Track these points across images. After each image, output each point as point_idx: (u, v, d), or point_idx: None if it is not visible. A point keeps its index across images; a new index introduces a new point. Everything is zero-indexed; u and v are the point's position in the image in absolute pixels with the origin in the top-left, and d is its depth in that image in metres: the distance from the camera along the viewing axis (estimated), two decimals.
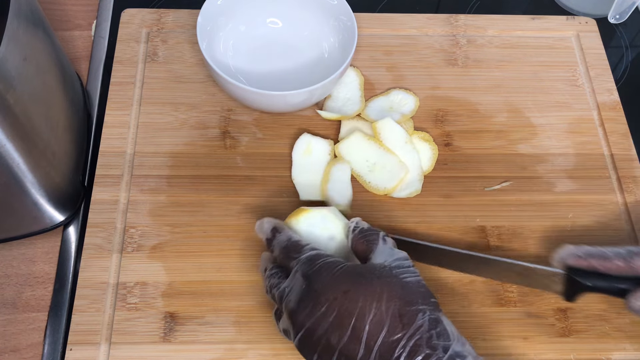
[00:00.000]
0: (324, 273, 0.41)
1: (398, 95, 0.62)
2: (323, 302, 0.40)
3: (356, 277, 0.41)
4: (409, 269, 0.42)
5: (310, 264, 0.42)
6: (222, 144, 0.59)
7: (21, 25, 0.42)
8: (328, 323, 0.40)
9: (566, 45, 0.67)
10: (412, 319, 0.39)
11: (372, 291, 0.40)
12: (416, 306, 0.40)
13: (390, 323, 0.39)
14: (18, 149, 0.44)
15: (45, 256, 0.53)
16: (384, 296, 0.40)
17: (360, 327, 0.39)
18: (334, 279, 0.41)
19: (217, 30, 0.62)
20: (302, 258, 0.43)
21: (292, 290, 0.42)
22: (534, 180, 0.58)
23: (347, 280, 0.41)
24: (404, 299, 0.40)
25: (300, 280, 0.42)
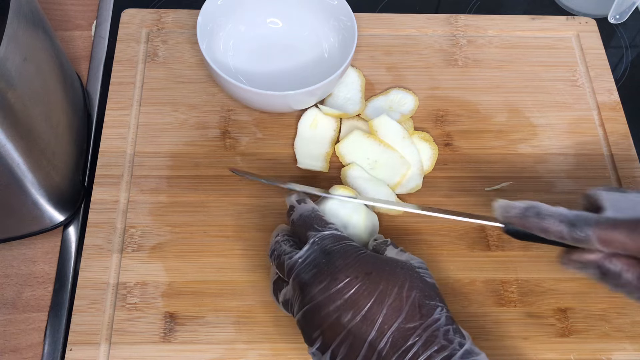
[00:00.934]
0: (347, 252, 0.41)
1: (397, 95, 0.62)
2: (342, 279, 0.39)
3: (380, 263, 0.41)
4: (427, 272, 0.43)
5: (334, 241, 0.42)
6: (222, 144, 0.59)
7: (21, 25, 0.42)
8: (342, 300, 0.39)
9: (566, 45, 0.67)
10: (431, 311, 0.39)
11: (394, 277, 0.40)
12: (435, 301, 0.40)
13: (409, 310, 0.39)
14: (18, 149, 0.44)
15: (45, 256, 0.53)
16: (406, 285, 0.39)
17: (377, 309, 0.38)
18: (357, 259, 0.40)
19: (217, 30, 0.62)
20: (325, 233, 0.43)
21: (307, 262, 0.41)
22: (534, 180, 0.58)
23: (371, 264, 0.40)
24: (424, 292, 0.40)
25: (319, 253, 0.41)
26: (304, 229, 0.44)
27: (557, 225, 0.43)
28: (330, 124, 0.59)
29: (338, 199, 0.49)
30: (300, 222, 0.45)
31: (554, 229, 0.43)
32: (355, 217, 0.49)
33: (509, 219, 0.45)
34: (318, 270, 0.40)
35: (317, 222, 0.44)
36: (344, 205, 0.49)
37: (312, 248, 0.42)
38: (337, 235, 0.43)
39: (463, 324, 0.51)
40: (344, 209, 0.49)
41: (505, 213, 0.45)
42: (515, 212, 0.44)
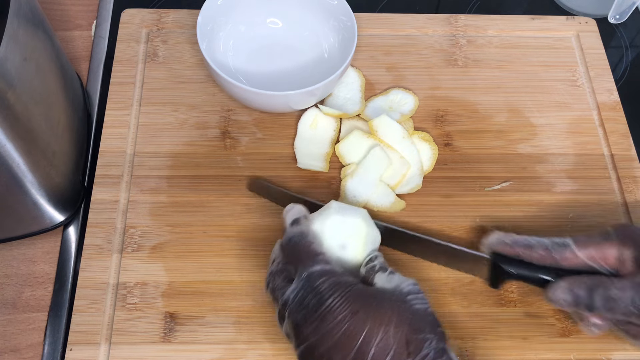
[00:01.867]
0: (335, 291, 0.40)
1: (397, 95, 0.62)
2: (330, 320, 0.39)
3: (367, 299, 0.40)
4: (419, 296, 0.42)
5: (322, 278, 0.41)
6: (222, 144, 0.59)
7: (21, 25, 0.42)
8: (333, 342, 0.39)
9: (566, 45, 0.67)
10: (419, 346, 0.38)
11: (381, 314, 0.39)
12: (423, 334, 0.39)
13: (397, 348, 0.38)
14: (18, 149, 0.44)
15: (45, 256, 0.53)
16: (393, 321, 0.39)
17: (365, 349, 0.38)
18: (344, 298, 0.40)
19: (217, 30, 0.62)
20: (313, 270, 0.42)
21: (298, 301, 0.41)
22: (534, 180, 0.58)
23: (357, 301, 0.40)
24: (412, 325, 0.39)
25: (308, 292, 0.41)
26: (292, 258, 0.44)
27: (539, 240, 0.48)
28: (330, 124, 0.59)
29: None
30: (289, 251, 0.44)
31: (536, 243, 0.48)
32: (354, 240, 0.46)
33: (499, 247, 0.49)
34: (307, 311, 0.40)
35: (305, 254, 0.43)
36: (345, 224, 0.46)
37: (301, 286, 0.41)
38: (326, 270, 0.42)
39: (463, 324, 0.51)
40: (344, 228, 0.46)
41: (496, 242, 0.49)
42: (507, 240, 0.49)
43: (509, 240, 0.49)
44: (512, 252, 0.48)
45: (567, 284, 0.46)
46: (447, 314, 0.51)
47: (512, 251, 0.48)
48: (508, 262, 0.48)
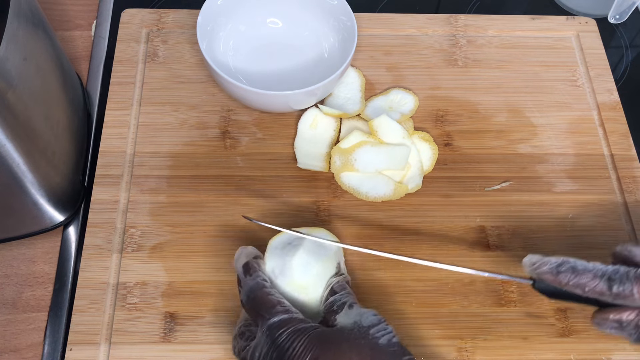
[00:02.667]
0: (294, 340, 0.39)
1: (397, 95, 0.62)
2: None
3: (325, 344, 0.39)
4: (380, 327, 0.40)
5: (281, 329, 0.40)
6: (222, 144, 0.59)
7: (21, 25, 0.42)
8: None
9: (566, 45, 0.67)
10: None
11: (340, 356, 0.38)
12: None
13: None
14: (18, 149, 0.44)
15: (45, 256, 0.53)
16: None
17: None
18: (304, 345, 0.39)
19: (217, 30, 0.62)
20: (272, 322, 0.41)
21: (260, 357, 0.40)
22: (534, 180, 0.58)
23: (317, 347, 0.39)
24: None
25: (270, 346, 0.40)
26: (253, 314, 0.43)
27: (594, 280, 0.41)
28: (330, 124, 0.59)
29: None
30: (249, 305, 0.43)
31: (591, 284, 0.41)
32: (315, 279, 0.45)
33: (541, 275, 0.43)
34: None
35: (264, 305, 0.42)
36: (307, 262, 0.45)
37: (263, 340, 0.41)
38: (284, 320, 0.41)
39: (463, 324, 0.51)
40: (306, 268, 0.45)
41: (536, 269, 0.43)
42: (548, 267, 0.42)
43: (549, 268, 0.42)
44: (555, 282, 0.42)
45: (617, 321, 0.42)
46: (447, 314, 0.51)
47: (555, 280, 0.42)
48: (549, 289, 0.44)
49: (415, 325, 0.51)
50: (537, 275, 0.43)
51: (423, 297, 0.52)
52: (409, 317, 0.51)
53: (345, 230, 0.55)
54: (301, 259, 0.45)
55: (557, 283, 0.42)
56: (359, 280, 0.52)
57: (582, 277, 0.41)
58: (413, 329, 0.51)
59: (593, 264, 0.42)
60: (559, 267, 0.42)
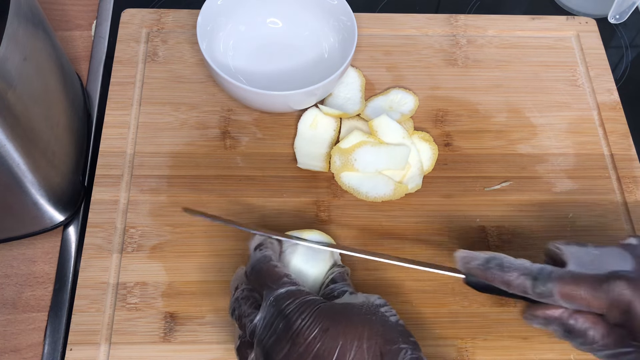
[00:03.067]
0: (303, 311, 0.39)
1: (397, 95, 0.62)
2: (301, 342, 0.38)
3: (336, 315, 0.39)
4: (387, 307, 0.41)
5: (288, 300, 0.40)
6: (222, 144, 0.59)
7: (21, 25, 0.42)
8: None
9: (566, 45, 0.67)
10: (394, 357, 0.38)
11: (352, 329, 0.38)
12: (397, 345, 0.38)
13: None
14: (18, 149, 0.44)
15: (45, 256, 0.53)
16: (365, 334, 0.38)
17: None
18: (313, 317, 0.39)
19: (217, 30, 0.62)
20: (279, 293, 0.41)
21: (266, 327, 0.40)
22: (534, 180, 0.58)
23: (327, 319, 0.39)
24: (385, 337, 0.38)
25: (277, 317, 0.40)
26: (257, 284, 0.43)
27: (519, 278, 0.43)
28: (330, 124, 0.59)
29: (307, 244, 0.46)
30: (253, 276, 0.43)
31: (516, 282, 0.43)
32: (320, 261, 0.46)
33: (470, 270, 0.45)
34: (277, 337, 0.39)
35: (270, 277, 0.42)
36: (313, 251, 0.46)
37: (268, 310, 0.40)
38: (292, 291, 0.41)
39: (463, 324, 0.51)
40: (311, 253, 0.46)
41: (466, 264, 0.45)
42: (477, 263, 0.44)
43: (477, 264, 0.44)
44: (483, 277, 0.44)
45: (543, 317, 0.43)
46: (447, 314, 0.51)
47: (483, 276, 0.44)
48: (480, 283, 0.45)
49: (415, 325, 0.51)
50: (467, 270, 0.45)
51: (423, 297, 0.52)
52: (409, 317, 0.51)
53: (345, 230, 0.55)
54: (296, 267, 0.45)
55: (485, 279, 0.44)
56: (359, 280, 0.52)
57: (508, 274, 0.43)
58: (413, 329, 0.50)
59: (521, 261, 0.44)
60: (487, 264, 0.44)
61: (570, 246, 0.44)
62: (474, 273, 0.45)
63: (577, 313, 0.42)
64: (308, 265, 0.46)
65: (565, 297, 0.41)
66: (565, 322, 0.42)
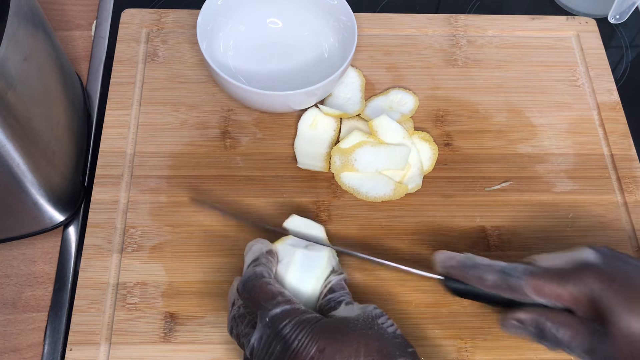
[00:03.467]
0: (300, 332, 0.39)
1: (397, 95, 0.62)
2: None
3: (332, 333, 0.39)
4: (383, 318, 0.41)
5: (284, 320, 0.40)
6: (222, 144, 0.59)
7: (21, 25, 0.42)
8: None
9: (566, 45, 0.67)
10: None
11: (348, 347, 0.38)
12: (394, 359, 0.38)
13: None
14: (18, 149, 0.44)
15: (45, 256, 0.53)
16: (362, 351, 0.38)
17: None
18: (309, 337, 0.39)
19: (217, 30, 0.62)
20: (274, 313, 0.40)
21: (264, 349, 0.40)
22: (534, 180, 0.58)
23: (323, 338, 0.38)
24: (381, 352, 0.38)
25: (273, 338, 0.39)
26: (250, 303, 0.42)
27: (492, 274, 0.44)
28: (330, 124, 0.59)
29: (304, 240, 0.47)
30: (246, 294, 0.42)
31: (489, 277, 0.44)
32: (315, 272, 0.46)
33: (447, 270, 0.46)
34: (275, 359, 0.39)
35: (263, 296, 0.41)
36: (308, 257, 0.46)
37: (264, 331, 0.40)
38: (287, 311, 0.40)
39: (463, 324, 0.51)
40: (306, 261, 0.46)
41: (443, 264, 0.46)
42: (453, 262, 0.46)
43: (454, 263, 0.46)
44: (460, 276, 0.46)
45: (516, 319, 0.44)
46: (447, 314, 0.51)
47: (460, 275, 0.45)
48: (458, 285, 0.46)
49: (415, 325, 0.51)
50: (445, 271, 0.46)
51: (423, 297, 0.52)
52: (409, 317, 0.51)
53: (345, 230, 0.55)
54: (294, 277, 0.45)
55: (461, 278, 0.45)
56: (359, 280, 0.52)
57: (482, 270, 0.44)
58: (413, 329, 0.51)
59: (494, 261, 0.45)
60: (464, 262, 0.46)
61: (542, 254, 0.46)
62: (451, 273, 0.46)
63: (548, 314, 0.43)
64: (305, 274, 0.45)
65: (536, 291, 0.43)
66: (537, 324, 0.43)
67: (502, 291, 0.44)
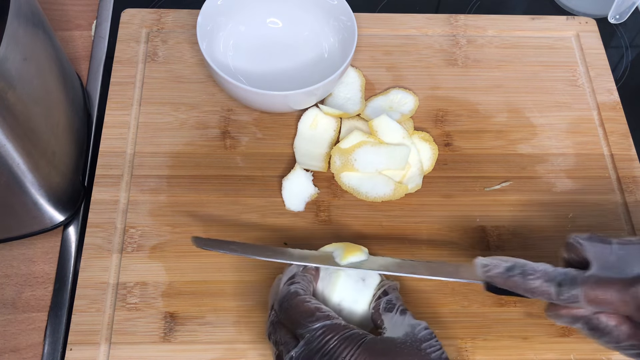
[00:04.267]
0: (346, 347, 0.38)
1: (397, 95, 0.62)
2: None
3: (377, 355, 0.38)
4: (432, 342, 0.40)
5: (328, 335, 0.39)
6: (222, 144, 0.59)
7: (21, 25, 0.42)
8: None
9: (566, 45, 0.67)
10: None
11: None
12: None
13: None
14: (18, 149, 0.44)
15: (45, 256, 0.53)
16: None
17: None
18: (356, 355, 0.38)
19: (217, 30, 0.62)
20: (316, 328, 0.39)
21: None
22: (534, 180, 0.58)
23: (368, 357, 0.38)
24: None
25: (316, 352, 0.39)
26: (288, 322, 0.41)
27: (543, 285, 0.42)
28: (330, 124, 0.59)
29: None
30: (283, 314, 0.42)
31: (540, 289, 0.42)
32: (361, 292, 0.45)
33: (491, 279, 0.43)
34: None
35: (301, 314, 0.41)
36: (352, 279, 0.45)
37: (307, 347, 0.39)
38: (328, 326, 0.40)
39: (463, 324, 0.51)
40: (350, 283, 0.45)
41: (487, 272, 0.44)
42: (498, 271, 0.43)
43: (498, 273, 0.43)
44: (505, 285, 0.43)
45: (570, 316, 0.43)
46: (447, 314, 0.51)
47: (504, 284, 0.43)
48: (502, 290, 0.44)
49: None
50: (487, 278, 0.44)
51: (423, 297, 0.52)
52: None
53: (345, 230, 0.55)
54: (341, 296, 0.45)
55: (507, 287, 0.43)
56: None
57: (532, 282, 0.42)
58: None
59: (543, 267, 0.42)
60: (509, 272, 0.43)
61: (593, 244, 0.43)
62: (495, 282, 0.43)
63: (602, 314, 0.41)
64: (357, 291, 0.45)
65: (592, 302, 0.40)
66: (590, 322, 0.42)
67: (554, 302, 0.42)
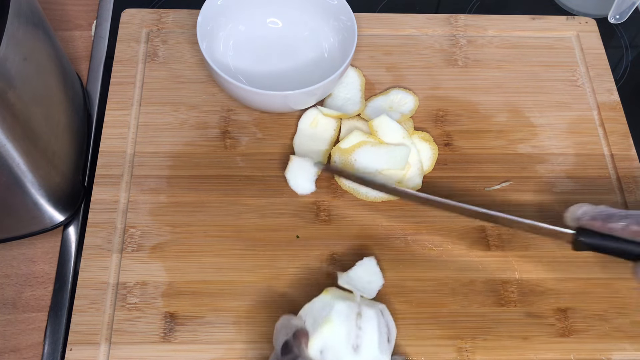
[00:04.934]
0: None
1: (397, 95, 0.62)
2: None
3: None
4: None
5: None
6: (222, 144, 0.59)
7: (21, 25, 0.42)
8: None
9: (566, 45, 0.67)
10: None
11: None
12: None
13: None
14: (18, 149, 0.44)
15: (45, 256, 0.53)
16: None
17: None
18: None
19: (217, 30, 0.62)
20: None
21: None
22: (534, 180, 0.58)
23: None
24: None
25: None
26: None
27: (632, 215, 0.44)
28: (331, 124, 0.59)
29: None
30: None
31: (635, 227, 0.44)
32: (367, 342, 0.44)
33: (587, 222, 0.45)
34: None
35: None
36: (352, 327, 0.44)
37: None
38: None
39: (463, 324, 0.51)
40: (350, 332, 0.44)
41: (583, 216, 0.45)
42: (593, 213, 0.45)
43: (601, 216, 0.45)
44: (603, 229, 0.45)
45: None
46: (447, 314, 0.51)
47: (603, 228, 0.45)
48: (592, 236, 0.46)
49: (415, 325, 0.51)
50: (584, 223, 0.45)
51: (423, 297, 0.52)
52: (409, 317, 0.51)
53: (345, 230, 0.55)
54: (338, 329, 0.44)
55: (604, 229, 0.45)
56: None
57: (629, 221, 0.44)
58: (413, 329, 0.51)
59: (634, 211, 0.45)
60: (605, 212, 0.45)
61: None
62: (590, 225, 0.45)
63: None
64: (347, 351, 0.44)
65: None
66: None
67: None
